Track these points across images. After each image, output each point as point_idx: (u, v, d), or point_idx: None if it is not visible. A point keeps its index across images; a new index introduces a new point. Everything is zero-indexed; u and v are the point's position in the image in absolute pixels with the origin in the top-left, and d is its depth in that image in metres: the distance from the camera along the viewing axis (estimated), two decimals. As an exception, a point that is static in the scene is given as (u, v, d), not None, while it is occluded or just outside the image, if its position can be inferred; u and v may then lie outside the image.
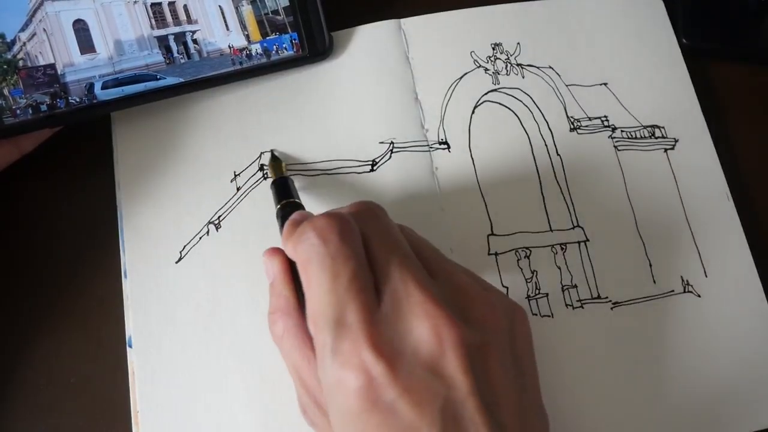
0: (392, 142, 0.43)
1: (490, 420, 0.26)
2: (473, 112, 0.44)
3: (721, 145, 0.44)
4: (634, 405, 0.38)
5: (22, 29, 0.38)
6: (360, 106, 0.43)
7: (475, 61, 0.45)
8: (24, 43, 0.38)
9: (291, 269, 0.32)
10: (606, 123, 0.44)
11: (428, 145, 0.43)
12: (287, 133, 0.43)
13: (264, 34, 0.43)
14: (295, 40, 0.43)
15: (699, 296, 0.41)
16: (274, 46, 0.43)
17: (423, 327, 0.27)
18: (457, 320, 0.27)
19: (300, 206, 0.37)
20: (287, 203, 0.36)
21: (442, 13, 0.46)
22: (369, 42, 0.45)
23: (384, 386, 0.26)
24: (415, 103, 0.44)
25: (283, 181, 0.39)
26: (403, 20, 0.46)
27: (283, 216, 0.35)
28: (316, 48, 0.43)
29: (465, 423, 0.26)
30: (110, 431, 0.37)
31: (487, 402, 0.27)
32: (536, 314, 0.40)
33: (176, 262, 0.40)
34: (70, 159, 0.42)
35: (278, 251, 0.33)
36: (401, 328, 0.27)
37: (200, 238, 0.40)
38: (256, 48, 0.42)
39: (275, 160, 0.41)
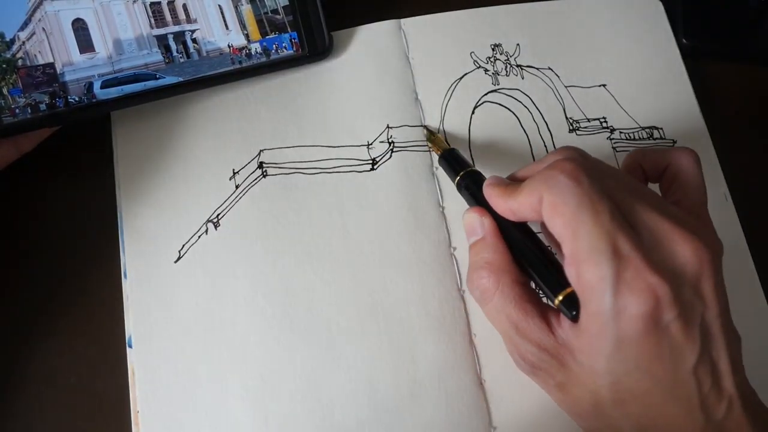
0: (393, 142, 0.43)
1: (728, 339, 0.30)
2: (473, 113, 0.44)
3: (720, 146, 0.45)
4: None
5: (21, 28, 0.38)
6: (360, 106, 0.44)
7: (474, 61, 0.45)
8: (23, 43, 0.38)
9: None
10: (605, 124, 0.45)
11: (428, 145, 0.43)
12: (287, 131, 0.43)
13: (263, 34, 0.43)
14: (294, 39, 0.43)
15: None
16: (274, 46, 0.43)
17: (686, 250, 0.29)
18: (707, 244, 0.29)
19: (479, 173, 0.37)
20: (467, 172, 0.37)
21: (442, 13, 0.46)
22: (369, 42, 0.45)
23: (666, 307, 0.28)
24: (415, 103, 0.44)
25: (452, 152, 0.39)
26: (403, 20, 0.46)
27: (466, 186, 0.36)
28: (315, 47, 0.43)
29: (713, 341, 0.29)
30: (110, 431, 0.37)
31: (724, 321, 0.30)
32: (535, 314, 0.40)
33: (175, 262, 0.40)
34: (70, 159, 0.42)
35: (486, 210, 0.34)
36: (665, 253, 0.29)
37: (199, 236, 0.40)
38: (255, 47, 0.42)
39: (432, 134, 0.41)
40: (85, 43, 0.40)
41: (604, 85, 0.46)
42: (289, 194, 0.41)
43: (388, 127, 0.43)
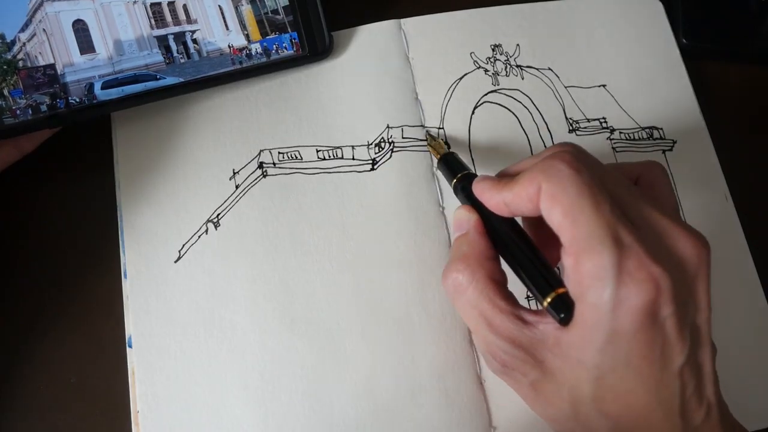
0: (392, 142, 0.43)
1: (711, 346, 0.29)
2: (473, 113, 0.44)
3: (720, 146, 0.45)
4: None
5: (22, 29, 0.39)
6: (360, 106, 0.44)
7: (474, 62, 0.46)
8: (24, 44, 0.39)
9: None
10: (605, 124, 0.45)
11: (429, 149, 0.43)
12: (287, 131, 0.43)
13: (264, 34, 0.43)
14: (295, 39, 0.43)
15: (697, 297, 0.42)
16: (274, 46, 0.43)
17: (687, 246, 0.29)
18: (705, 243, 0.30)
19: (476, 175, 0.36)
20: (464, 175, 0.37)
21: (442, 13, 0.46)
22: (369, 42, 0.45)
23: (665, 301, 0.27)
24: (415, 103, 0.44)
25: (452, 155, 0.39)
26: (403, 20, 0.46)
27: (462, 188, 0.36)
28: (316, 47, 0.43)
29: (701, 345, 0.29)
30: (110, 431, 0.38)
31: (709, 329, 0.30)
32: (535, 314, 0.41)
33: (175, 262, 0.40)
34: (70, 160, 0.42)
35: (474, 208, 0.34)
36: (666, 247, 0.29)
37: (199, 236, 0.40)
38: (255, 47, 0.43)
39: (433, 138, 0.41)
40: (86, 44, 0.40)
41: (604, 85, 0.46)
42: (289, 194, 0.42)
43: (388, 127, 0.43)
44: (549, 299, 0.30)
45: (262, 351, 0.38)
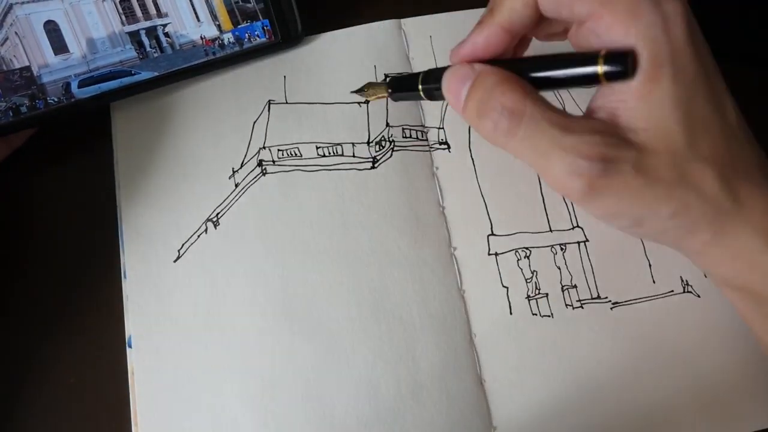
0: (393, 141, 0.43)
1: None
2: (473, 113, 0.44)
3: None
4: (634, 404, 0.39)
5: (-6, 34, 0.40)
6: (360, 106, 0.44)
7: (475, 61, 0.44)
8: (-3, 48, 0.40)
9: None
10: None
11: (428, 145, 0.44)
12: (287, 129, 0.44)
13: (235, 23, 0.43)
14: (266, 26, 0.43)
15: (699, 296, 0.42)
16: (247, 34, 0.43)
17: None
18: None
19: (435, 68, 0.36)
20: (426, 72, 0.36)
21: (442, 13, 0.47)
22: (369, 42, 0.45)
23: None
24: (416, 102, 0.44)
25: (395, 77, 0.40)
26: (403, 20, 0.46)
27: (435, 79, 0.35)
28: (288, 34, 0.44)
29: None
30: (110, 431, 0.39)
31: None
32: (536, 314, 0.41)
33: (174, 261, 0.41)
34: (70, 160, 0.44)
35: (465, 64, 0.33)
36: None
37: (198, 236, 0.42)
38: (228, 37, 0.43)
39: (367, 87, 0.41)
40: (59, 45, 0.41)
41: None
42: (289, 192, 0.42)
43: (388, 125, 0.44)
44: (601, 62, 0.29)
45: (262, 351, 0.40)
